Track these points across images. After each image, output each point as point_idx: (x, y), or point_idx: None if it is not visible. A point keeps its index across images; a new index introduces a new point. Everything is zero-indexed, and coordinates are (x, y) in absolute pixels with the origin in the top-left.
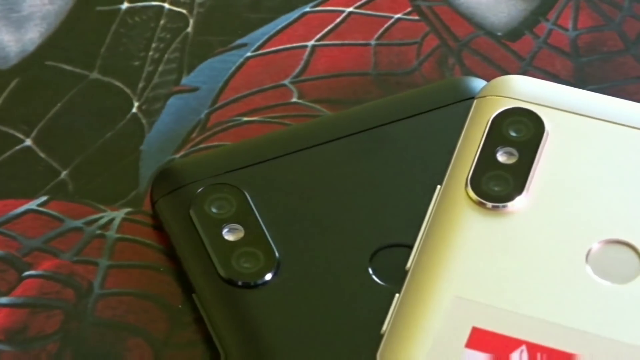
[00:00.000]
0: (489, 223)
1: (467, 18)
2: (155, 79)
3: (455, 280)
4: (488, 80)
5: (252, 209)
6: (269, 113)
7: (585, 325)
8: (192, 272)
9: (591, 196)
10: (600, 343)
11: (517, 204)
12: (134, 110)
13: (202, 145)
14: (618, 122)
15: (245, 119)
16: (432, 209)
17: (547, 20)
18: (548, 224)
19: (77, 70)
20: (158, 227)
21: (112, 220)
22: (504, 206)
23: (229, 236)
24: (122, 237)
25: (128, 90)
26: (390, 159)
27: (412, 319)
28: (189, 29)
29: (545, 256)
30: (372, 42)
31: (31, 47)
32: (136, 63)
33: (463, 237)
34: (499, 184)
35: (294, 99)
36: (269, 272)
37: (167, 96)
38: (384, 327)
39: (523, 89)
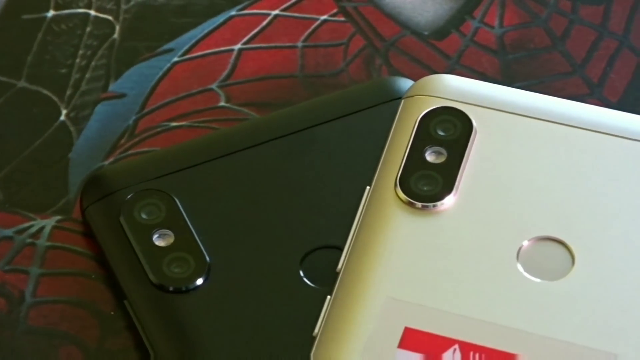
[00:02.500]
0: (419, 223)
1: (393, 18)
2: (83, 86)
3: (386, 281)
4: (415, 79)
5: (182, 214)
6: (197, 118)
7: (517, 322)
8: (123, 278)
9: (521, 193)
10: (533, 340)
11: (446, 203)
12: (62, 118)
13: (131, 152)
14: (546, 118)
15: (174, 124)
16: (362, 210)
17: (474, 18)
18: (478, 222)
19: (4, 79)
20: (88, 234)
21: (42, 228)
22: (433, 206)
23: (159, 242)
24: (53, 245)
25: (56, 98)
26: (319, 161)
27: (344, 320)
28: (116, 35)
29: (476, 255)
30: (299, 44)
31: None
32: (63, 71)
33: (393, 238)
34: (428, 183)
35: (222, 103)
36: (199, 276)
37: (95, 103)
38: (316, 330)
39: (450, 88)
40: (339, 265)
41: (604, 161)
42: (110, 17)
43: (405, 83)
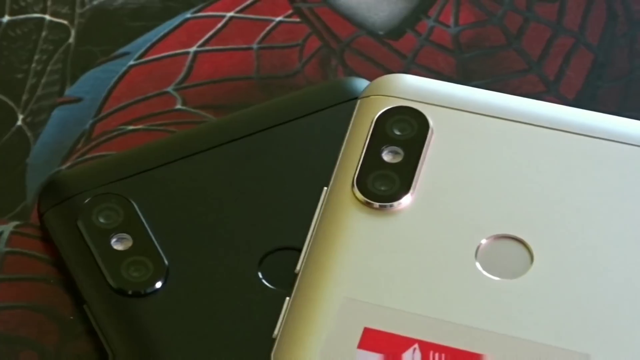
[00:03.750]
0: (376, 223)
1: (348, 18)
2: (39, 91)
3: (344, 282)
4: (371, 80)
5: (140, 218)
6: (153, 121)
7: (477, 321)
8: (82, 283)
9: (478, 192)
10: (491, 338)
11: (404, 202)
12: (19, 123)
13: (88, 156)
14: (502, 117)
15: (130, 127)
16: (320, 211)
17: (429, 17)
18: (436, 221)
19: None
20: (47, 239)
21: (0, 234)
22: (391, 205)
23: (117, 246)
24: (11, 250)
25: (12, 103)
26: (276, 162)
27: (303, 321)
28: (71, 40)
29: (434, 254)
30: (254, 45)
31: None
32: (19, 76)
33: (351, 238)
34: (385, 183)
35: (178, 106)
36: (158, 280)
37: (52, 108)
38: (276, 332)
39: (406, 88)
40: (298, 267)
41: (561, 159)
42: (65, 22)
43: (361, 83)
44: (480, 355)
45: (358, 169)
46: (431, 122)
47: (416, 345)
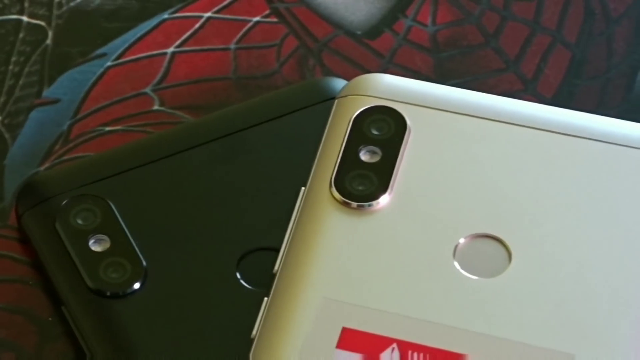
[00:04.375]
0: (354, 223)
1: (326, 18)
2: (17, 93)
3: (323, 282)
4: (349, 79)
5: (118, 219)
6: (131, 122)
7: (455, 320)
8: (60, 284)
9: (456, 191)
10: (470, 338)
11: (382, 202)
12: None
13: (65, 157)
14: (480, 115)
15: (108, 128)
16: (297, 211)
17: (406, 16)
18: (414, 221)
19: None
20: (25, 240)
21: None
22: (369, 205)
23: (95, 247)
24: None
25: None
26: (254, 162)
27: (281, 321)
28: (49, 41)
29: (412, 253)
30: (232, 46)
31: None
32: None
33: (329, 238)
34: (363, 183)
35: (156, 107)
36: (136, 281)
37: (29, 109)
38: (254, 332)
39: (384, 87)
40: (276, 267)
41: (538, 157)
42: (42, 23)
43: (339, 83)
44: (459, 355)
45: (336, 169)
46: (409, 122)
47: (395, 345)
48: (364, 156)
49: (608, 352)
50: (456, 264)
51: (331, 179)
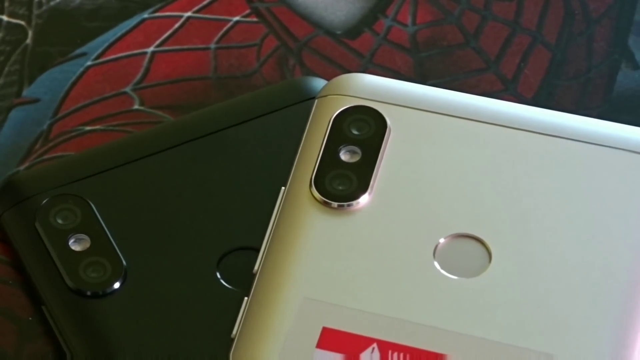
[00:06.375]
0: (334, 223)
1: (306, 18)
2: None
3: (302, 282)
4: (329, 79)
5: (98, 219)
6: (111, 121)
7: (435, 320)
8: (40, 284)
9: (436, 191)
10: (450, 338)
11: (362, 202)
12: None
13: (45, 157)
14: (460, 115)
15: (88, 128)
16: (277, 211)
17: (386, 16)
18: (394, 221)
19: None
20: (4, 240)
21: None
22: (349, 205)
23: (75, 246)
24: None
25: None
26: (234, 162)
27: (261, 321)
28: (28, 41)
29: (392, 253)
30: (212, 45)
31: None
32: None
33: (309, 238)
34: (343, 183)
35: (136, 106)
36: (116, 281)
37: (9, 109)
38: (234, 332)
39: (364, 87)
40: (256, 267)
41: (518, 157)
42: (22, 22)
43: (319, 83)
44: (440, 355)
45: (316, 169)
46: (389, 122)
47: (375, 345)
48: (344, 156)
49: (587, 352)
50: (436, 264)
51: (311, 178)
